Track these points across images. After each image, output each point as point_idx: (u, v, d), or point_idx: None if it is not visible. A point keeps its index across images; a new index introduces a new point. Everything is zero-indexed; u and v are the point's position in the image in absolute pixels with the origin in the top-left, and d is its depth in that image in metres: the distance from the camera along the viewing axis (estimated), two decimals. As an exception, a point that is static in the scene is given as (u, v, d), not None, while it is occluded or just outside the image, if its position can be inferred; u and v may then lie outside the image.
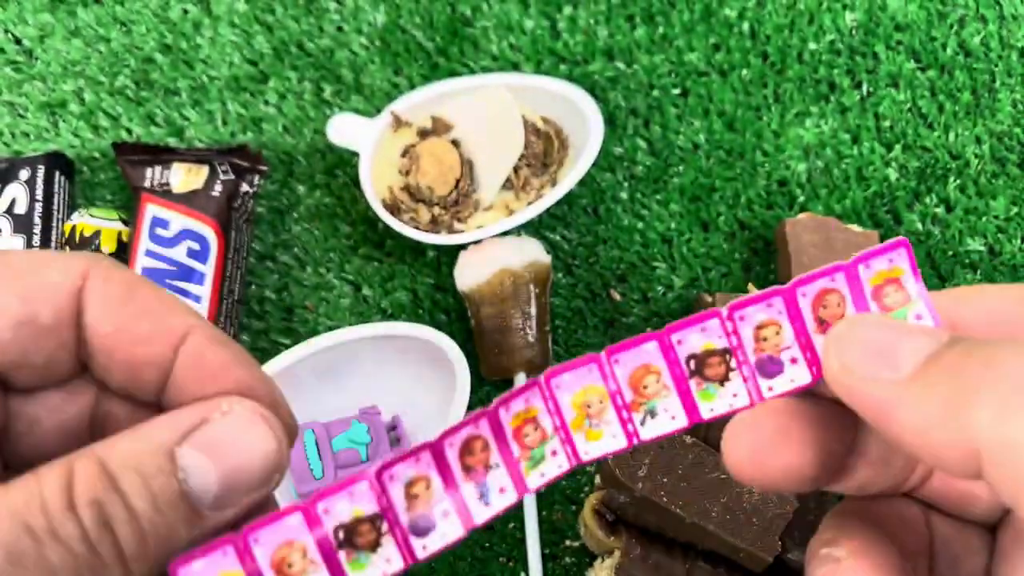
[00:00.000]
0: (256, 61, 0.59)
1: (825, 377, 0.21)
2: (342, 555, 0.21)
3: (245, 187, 0.54)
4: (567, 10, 0.59)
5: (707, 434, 0.46)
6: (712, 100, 0.57)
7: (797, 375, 0.22)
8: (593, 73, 0.58)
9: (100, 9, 0.60)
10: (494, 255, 0.50)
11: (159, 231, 0.50)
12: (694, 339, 0.23)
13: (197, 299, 0.49)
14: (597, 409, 0.23)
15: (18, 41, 0.59)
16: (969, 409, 0.17)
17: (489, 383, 0.53)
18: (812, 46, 0.58)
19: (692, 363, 0.23)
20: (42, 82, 0.58)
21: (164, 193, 0.51)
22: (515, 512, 0.50)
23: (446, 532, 0.22)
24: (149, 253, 0.49)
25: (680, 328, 0.22)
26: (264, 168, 0.55)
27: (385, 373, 0.51)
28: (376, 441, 0.48)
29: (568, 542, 0.50)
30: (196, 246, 0.50)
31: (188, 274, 0.49)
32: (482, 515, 0.23)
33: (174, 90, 0.58)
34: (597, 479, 0.50)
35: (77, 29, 0.59)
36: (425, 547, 0.22)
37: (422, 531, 0.22)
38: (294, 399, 0.52)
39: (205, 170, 0.53)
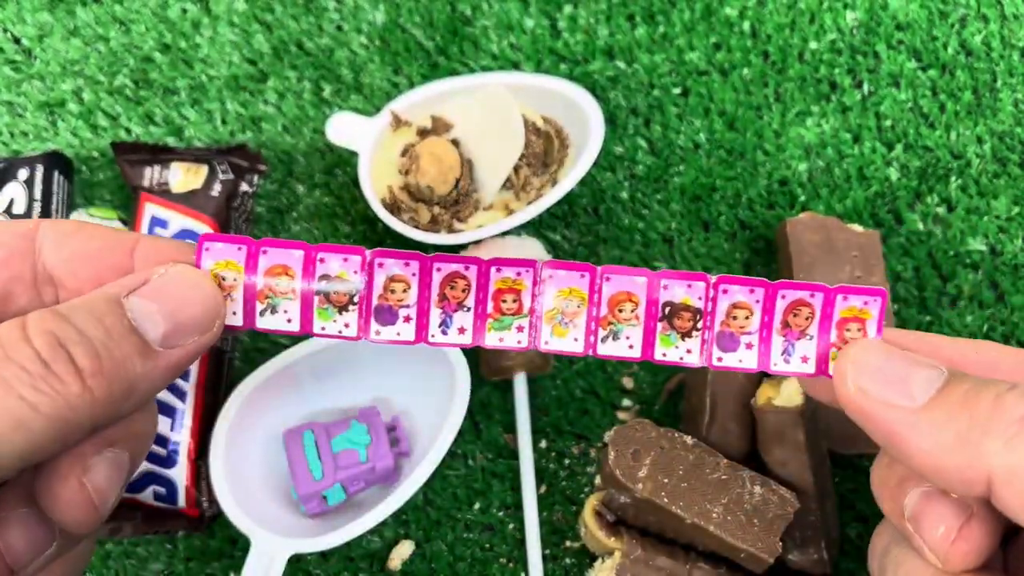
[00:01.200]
0: (255, 60, 0.58)
1: (839, 396, 0.24)
2: (316, 300, 0.26)
3: (244, 187, 0.54)
4: (567, 9, 0.59)
5: (708, 435, 0.46)
6: (713, 99, 0.57)
7: (746, 359, 0.26)
8: (593, 72, 0.58)
9: (99, 8, 0.60)
10: (494, 255, 0.50)
11: (158, 231, 0.50)
12: (678, 290, 0.26)
13: (196, 299, 0.49)
14: (572, 312, 0.27)
15: (17, 40, 0.59)
16: (982, 439, 0.21)
17: (489, 383, 0.52)
18: (813, 45, 0.58)
19: (667, 309, 0.26)
20: (41, 81, 0.58)
21: (163, 192, 0.51)
22: (515, 513, 0.50)
23: (400, 332, 0.27)
24: (148, 253, 0.49)
25: (671, 276, 0.26)
26: (263, 168, 0.55)
27: (385, 373, 0.51)
28: (376, 441, 0.47)
29: (568, 543, 0.50)
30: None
31: (187, 274, 0.49)
32: (436, 338, 0.27)
33: (173, 89, 0.58)
34: (597, 480, 0.50)
35: (76, 28, 0.59)
36: (378, 332, 0.27)
37: (383, 320, 0.27)
38: (294, 399, 0.52)
39: (204, 170, 0.53)
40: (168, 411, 0.47)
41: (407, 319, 0.27)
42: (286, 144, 0.57)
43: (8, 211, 0.52)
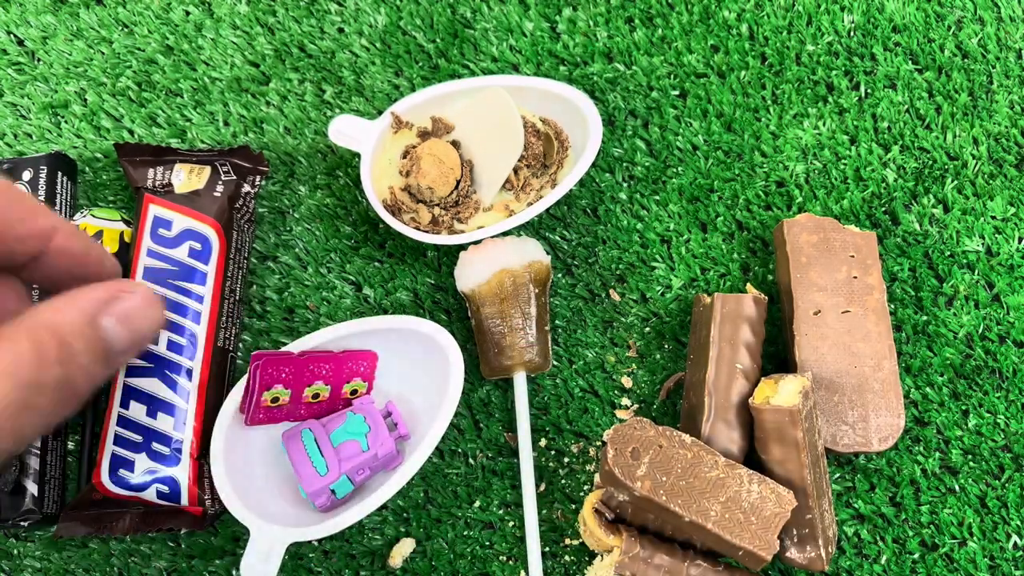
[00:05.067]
0: (258, 62, 0.59)
1: None
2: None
3: (247, 187, 0.54)
4: (567, 12, 0.59)
5: (706, 433, 0.46)
6: (711, 101, 0.58)
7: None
8: (592, 75, 0.58)
9: (102, 11, 0.60)
10: (494, 255, 0.50)
11: (161, 231, 0.50)
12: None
13: (199, 299, 0.49)
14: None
15: (21, 43, 0.60)
16: None
17: (489, 382, 0.53)
18: (810, 48, 0.58)
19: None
20: (44, 83, 0.59)
21: (166, 193, 0.52)
22: (515, 511, 0.51)
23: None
24: (151, 253, 0.50)
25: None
26: (265, 169, 0.55)
27: (380, 367, 0.51)
28: (374, 429, 0.48)
29: (568, 541, 0.50)
30: (198, 246, 0.50)
31: (190, 274, 0.50)
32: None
33: (176, 91, 0.58)
34: (596, 478, 0.51)
35: (79, 31, 0.60)
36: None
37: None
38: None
39: (207, 171, 0.53)
40: (171, 410, 0.48)
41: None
42: (288, 145, 0.57)
43: (12, 212, 0.52)
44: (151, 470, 0.47)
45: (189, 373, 0.48)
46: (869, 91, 0.58)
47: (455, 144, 0.54)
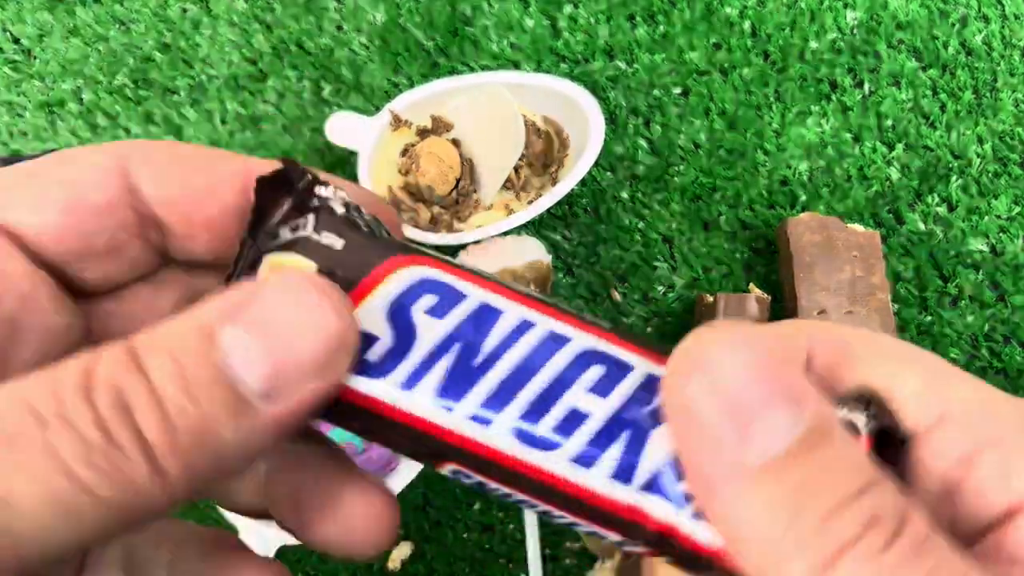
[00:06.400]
0: (255, 60, 0.58)
1: (664, 395, 0.17)
2: None
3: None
4: (567, 9, 0.59)
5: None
6: (713, 99, 0.57)
7: None
8: (594, 72, 0.58)
9: (99, 8, 0.59)
10: (494, 255, 0.50)
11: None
12: None
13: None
14: None
15: (16, 40, 0.59)
16: (789, 556, 0.15)
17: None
18: (813, 45, 0.58)
19: None
20: (40, 81, 0.58)
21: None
22: (514, 513, 0.50)
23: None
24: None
25: None
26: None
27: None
28: None
29: (568, 543, 0.50)
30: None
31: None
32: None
33: (173, 89, 0.58)
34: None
35: (76, 28, 0.59)
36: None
37: None
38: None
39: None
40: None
41: None
42: (286, 144, 0.57)
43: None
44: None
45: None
46: (873, 89, 0.57)
47: (455, 142, 0.54)
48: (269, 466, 0.22)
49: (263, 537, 0.45)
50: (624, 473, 0.17)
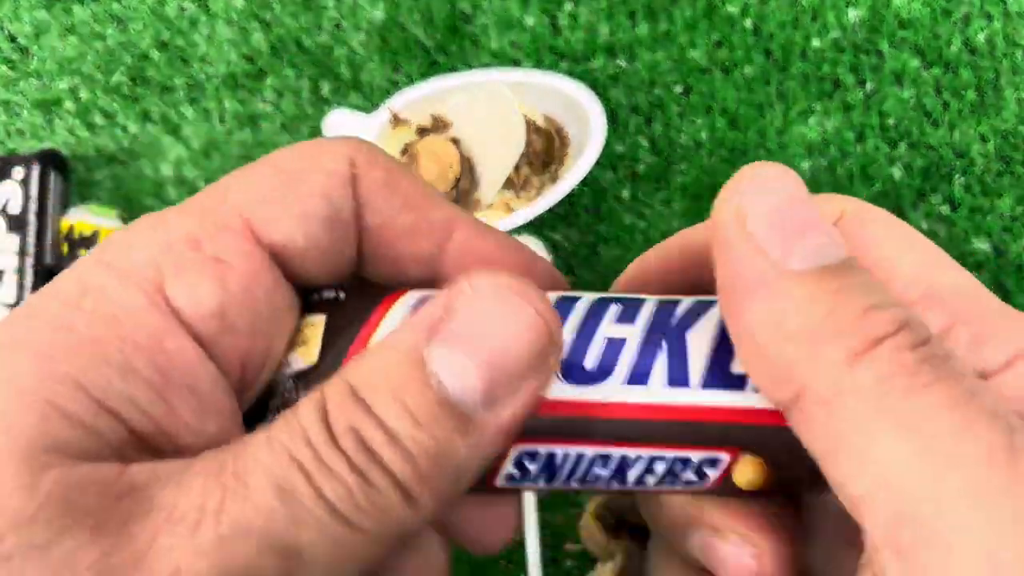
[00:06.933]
0: (253, 58, 0.58)
1: (714, 215, 0.19)
2: None
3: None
4: (568, 6, 0.59)
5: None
6: (715, 97, 0.57)
7: None
8: (594, 70, 0.57)
9: (96, 6, 0.59)
10: (494, 254, 0.50)
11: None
12: None
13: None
14: None
15: (13, 39, 0.59)
16: (823, 343, 0.16)
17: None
18: (815, 43, 0.58)
19: None
20: (37, 79, 0.58)
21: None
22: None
23: None
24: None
25: None
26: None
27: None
28: None
29: (569, 545, 0.49)
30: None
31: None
32: None
33: (170, 87, 0.58)
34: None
35: (73, 26, 0.59)
36: None
37: None
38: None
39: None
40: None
41: None
42: (284, 142, 0.56)
43: (3, 210, 0.52)
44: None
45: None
46: (875, 87, 0.57)
47: (454, 141, 0.54)
48: None
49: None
50: (679, 376, 0.18)
